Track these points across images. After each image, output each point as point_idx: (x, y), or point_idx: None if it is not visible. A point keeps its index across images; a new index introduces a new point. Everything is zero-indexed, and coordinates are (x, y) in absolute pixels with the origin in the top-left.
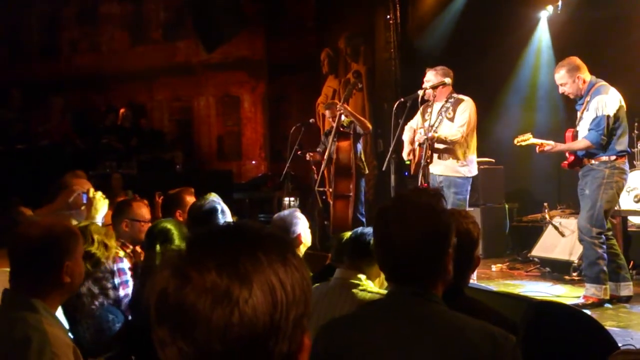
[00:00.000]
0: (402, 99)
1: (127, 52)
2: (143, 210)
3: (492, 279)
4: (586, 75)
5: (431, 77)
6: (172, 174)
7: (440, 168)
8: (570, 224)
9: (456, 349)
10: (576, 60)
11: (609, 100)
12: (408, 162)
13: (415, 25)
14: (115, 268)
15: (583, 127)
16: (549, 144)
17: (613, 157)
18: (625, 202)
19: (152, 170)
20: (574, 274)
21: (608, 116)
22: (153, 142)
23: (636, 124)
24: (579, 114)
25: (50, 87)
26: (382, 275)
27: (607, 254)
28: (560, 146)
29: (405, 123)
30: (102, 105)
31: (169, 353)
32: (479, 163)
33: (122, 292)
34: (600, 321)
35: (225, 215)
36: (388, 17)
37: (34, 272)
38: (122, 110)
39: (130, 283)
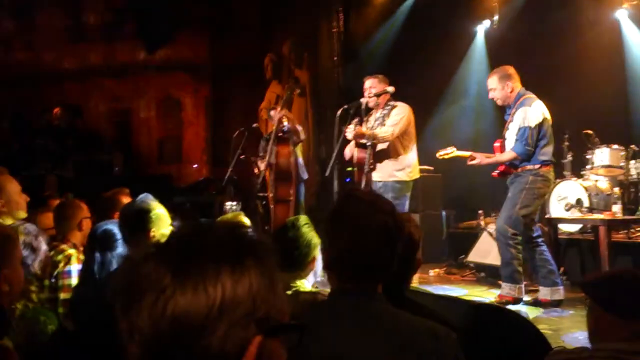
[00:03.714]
0: (345, 106)
1: (64, 50)
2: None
3: (430, 283)
4: (516, 85)
5: (374, 84)
6: (110, 176)
7: (378, 174)
8: None
9: (402, 345)
10: (509, 69)
11: (531, 112)
12: (350, 169)
13: (358, 35)
14: (62, 270)
15: (509, 137)
16: (476, 158)
17: (537, 166)
18: (556, 210)
19: (89, 172)
20: None
21: (531, 127)
22: (90, 144)
23: (566, 136)
24: (507, 124)
25: None
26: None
27: (537, 259)
28: (489, 159)
29: (346, 127)
30: (37, 105)
31: (121, 327)
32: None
33: (62, 295)
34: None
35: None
36: (331, 25)
37: None
38: (55, 110)
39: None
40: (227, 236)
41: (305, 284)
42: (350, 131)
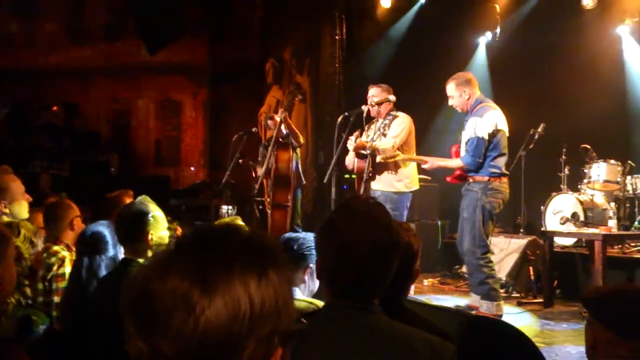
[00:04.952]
0: (346, 113)
1: (65, 49)
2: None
3: (424, 292)
4: (474, 92)
5: (376, 93)
6: (106, 177)
7: (378, 184)
8: (498, 242)
9: (398, 358)
10: (467, 75)
11: (481, 123)
12: (347, 176)
13: (360, 42)
14: (56, 273)
15: (462, 145)
16: (428, 162)
17: (486, 178)
18: (552, 223)
19: (85, 172)
20: (502, 290)
21: (479, 138)
22: (87, 143)
23: (564, 150)
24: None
25: None
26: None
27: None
28: (438, 163)
29: (347, 137)
30: (36, 103)
31: (131, 346)
32: None
33: (56, 299)
34: None
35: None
36: (334, 32)
37: None
38: (54, 108)
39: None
40: (249, 244)
41: (299, 293)
42: (351, 143)
